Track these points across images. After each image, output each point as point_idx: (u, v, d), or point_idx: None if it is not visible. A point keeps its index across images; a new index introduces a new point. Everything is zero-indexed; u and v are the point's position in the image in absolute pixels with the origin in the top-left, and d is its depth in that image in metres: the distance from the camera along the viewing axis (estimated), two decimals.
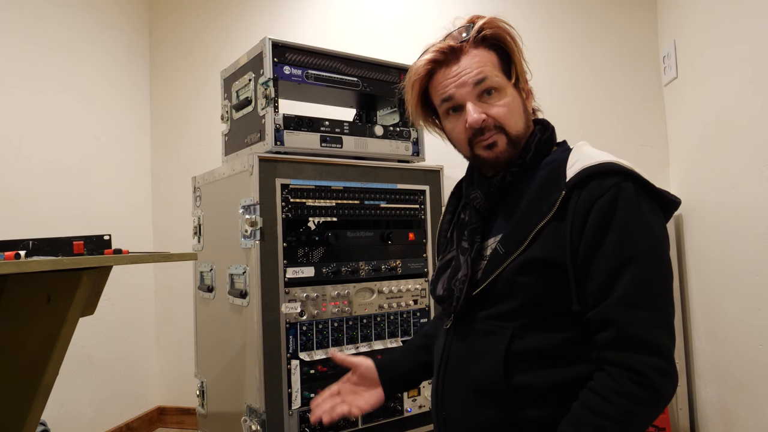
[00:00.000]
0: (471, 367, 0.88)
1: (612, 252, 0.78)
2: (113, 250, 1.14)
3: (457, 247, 0.96)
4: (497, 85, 0.90)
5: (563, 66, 2.27)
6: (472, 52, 0.91)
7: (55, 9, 2.20)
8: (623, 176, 0.81)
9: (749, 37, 1.44)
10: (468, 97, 0.90)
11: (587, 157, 0.84)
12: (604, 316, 0.78)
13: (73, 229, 2.11)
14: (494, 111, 0.89)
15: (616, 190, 0.80)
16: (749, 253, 1.47)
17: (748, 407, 1.53)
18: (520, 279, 0.84)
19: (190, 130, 2.70)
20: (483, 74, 0.89)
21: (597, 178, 0.81)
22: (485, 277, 0.87)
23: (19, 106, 2.01)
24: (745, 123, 1.49)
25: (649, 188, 0.83)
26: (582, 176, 0.81)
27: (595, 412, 0.76)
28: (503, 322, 0.86)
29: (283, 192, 1.55)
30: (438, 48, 0.92)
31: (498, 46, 0.92)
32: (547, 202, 0.84)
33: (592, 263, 0.80)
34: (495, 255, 0.87)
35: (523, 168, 0.92)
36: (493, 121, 0.89)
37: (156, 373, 2.68)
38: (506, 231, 0.88)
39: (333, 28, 2.53)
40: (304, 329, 1.56)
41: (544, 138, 0.94)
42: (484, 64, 0.90)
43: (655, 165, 2.18)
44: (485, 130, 0.89)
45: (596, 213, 0.79)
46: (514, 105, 0.91)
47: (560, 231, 0.82)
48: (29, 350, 1.14)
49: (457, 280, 0.91)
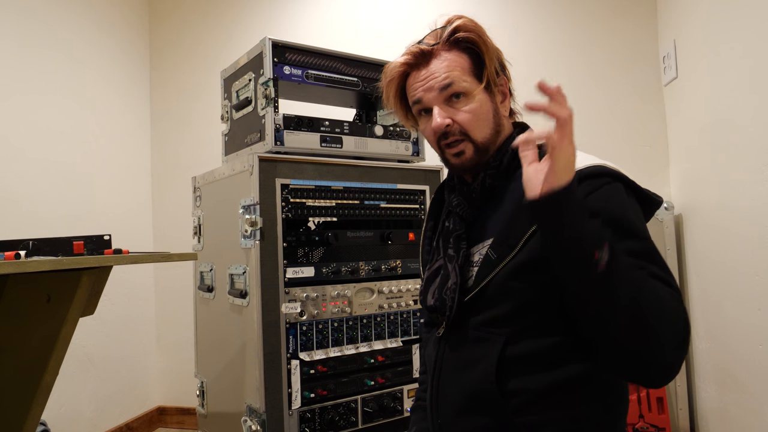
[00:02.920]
0: (464, 374, 0.88)
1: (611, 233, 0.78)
2: (113, 250, 1.14)
3: (444, 255, 0.95)
4: (464, 89, 0.89)
5: (563, 66, 2.27)
6: (443, 55, 0.91)
7: (55, 9, 2.20)
8: (612, 177, 0.83)
9: (749, 37, 1.44)
10: (434, 101, 0.90)
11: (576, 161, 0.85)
12: None
13: (73, 229, 2.11)
14: (459, 117, 0.90)
15: (608, 187, 0.81)
16: (749, 254, 1.47)
17: (748, 407, 1.53)
18: (512, 284, 0.83)
19: (190, 130, 2.70)
20: (449, 79, 0.89)
21: (587, 180, 0.82)
22: (477, 283, 0.87)
23: (19, 106, 2.01)
24: (745, 123, 1.49)
25: (636, 189, 0.85)
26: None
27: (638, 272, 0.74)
28: (496, 328, 0.85)
29: (283, 192, 1.55)
30: (410, 51, 0.93)
31: (471, 49, 0.91)
32: None
33: None
34: (487, 260, 0.87)
35: (500, 171, 0.92)
36: (458, 127, 0.90)
37: (156, 373, 2.68)
38: (496, 236, 0.87)
39: (333, 28, 2.53)
40: (304, 329, 1.56)
41: None
42: (453, 69, 0.90)
43: (655, 165, 2.18)
44: (449, 134, 0.90)
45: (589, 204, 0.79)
46: (481, 110, 0.90)
47: None
48: (29, 350, 1.14)
49: (447, 289, 0.90)
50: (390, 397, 1.68)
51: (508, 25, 2.34)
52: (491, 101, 0.92)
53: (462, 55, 0.91)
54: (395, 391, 1.69)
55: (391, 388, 1.68)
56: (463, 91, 0.89)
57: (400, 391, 1.70)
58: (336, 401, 1.58)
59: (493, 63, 0.92)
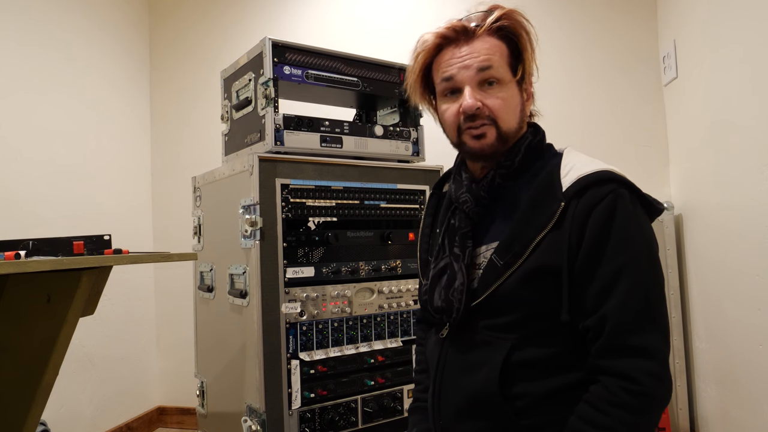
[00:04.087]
0: (467, 377, 0.88)
1: (610, 257, 0.79)
2: (113, 250, 1.14)
3: (450, 253, 0.94)
4: (500, 77, 0.88)
5: (563, 66, 2.27)
6: (485, 38, 0.89)
7: (54, 9, 2.20)
8: (618, 183, 0.82)
9: (749, 38, 1.44)
10: (468, 81, 0.88)
11: (581, 166, 0.85)
12: (599, 323, 0.78)
13: (73, 229, 2.11)
14: (490, 101, 0.88)
15: (613, 197, 0.81)
16: (749, 254, 1.47)
17: (748, 407, 1.53)
18: (522, 292, 0.83)
19: (190, 130, 2.70)
20: (489, 62, 0.87)
21: (594, 187, 0.81)
22: (484, 289, 0.86)
23: (19, 106, 2.01)
24: (745, 123, 1.49)
25: (640, 195, 0.84)
26: (579, 186, 0.82)
27: (594, 425, 0.76)
28: (503, 333, 0.85)
29: (283, 192, 1.55)
30: (452, 25, 0.90)
31: (511, 40, 0.90)
32: (545, 213, 0.83)
33: (591, 268, 0.80)
34: (492, 266, 0.86)
35: (511, 171, 0.91)
36: (487, 111, 0.88)
37: (156, 373, 2.68)
38: (502, 241, 0.87)
39: (333, 28, 2.53)
40: (304, 329, 1.56)
41: (534, 141, 0.93)
42: (493, 53, 0.88)
43: (655, 165, 2.18)
44: (477, 117, 0.88)
45: (595, 218, 0.80)
46: (511, 101, 0.90)
47: (558, 239, 0.82)
48: (29, 350, 1.14)
49: (454, 290, 0.89)
50: (390, 397, 1.68)
51: None
52: (520, 95, 0.92)
53: (502, 44, 0.90)
54: (395, 391, 1.69)
55: (391, 388, 1.68)
56: (498, 78, 0.88)
57: (400, 391, 1.70)
58: (336, 401, 1.58)
59: (531, 59, 0.91)
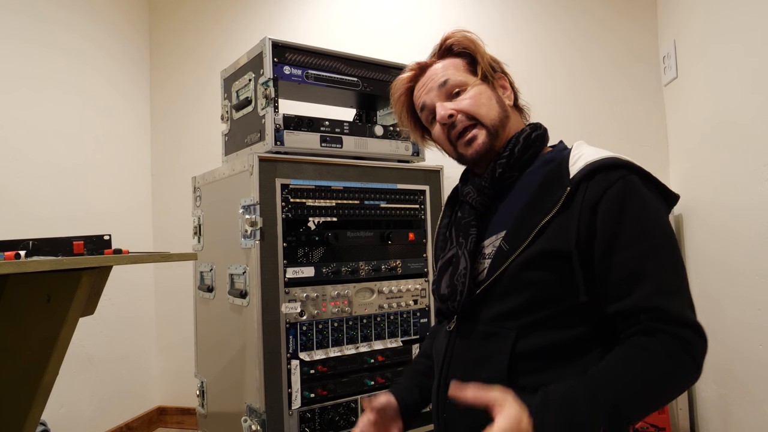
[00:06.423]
0: (474, 370, 0.88)
1: (632, 242, 0.79)
2: (113, 250, 1.14)
3: (456, 243, 0.97)
4: (460, 83, 0.96)
5: (563, 66, 2.27)
6: (438, 62, 1.00)
7: (55, 9, 2.20)
8: (628, 169, 0.83)
9: (749, 37, 1.44)
10: (435, 99, 0.97)
11: (589, 154, 0.85)
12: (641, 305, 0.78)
13: (73, 229, 2.11)
14: (462, 104, 0.95)
15: (623, 182, 0.81)
16: (749, 253, 1.47)
17: (748, 407, 1.53)
18: (525, 275, 0.84)
19: (190, 130, 2.70)
20: (445, 76, 0.97)
21: (603, 171, 0.82)
22: (490, 274, 0.87)
23: (19, 106, 2.01)
24: (745, 123, 1.49)
25: (653, 180, 0.85)
26: (587, 170, 0.82)
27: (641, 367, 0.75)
28: (507, 321, 0.85)
29: (283, 192, 1.55)
30: (411, 68, 1.03)
31: (463, 52, 0.99)
32: (551, 199, 0.84)
33: (612, 254, 0.79)
34: (500, 252, 0.87)
35: (512, 161, 0.93)
36: (464, 113, 0.94)
37: (156, 373, 2.68)
38: (509, 229, 0.88)
39: (333, 28, 2.53)
40: (304, 329, 1.56)
41: (534, 133, 0.95)
42: (447, 68, 0.98)
43: (655, 165, 2.18)
44: (457, 123, 0.95)
45: (607, 203, 0.80)
46: (482, 96, 0.96)
47: (565, 223, 0.82)
48: (29, 350, 1.14)
49: (458, 275, 0.91)
50: None
51: (509, 25, 2.34)
52: (491, 90, 0.97)
53: (455, 59, 0.99)
54: None
55: None
56: (459, 85, 0.96)
57: None
58: (336, 401, 1.58)
59: (486, 58, 0.98)
